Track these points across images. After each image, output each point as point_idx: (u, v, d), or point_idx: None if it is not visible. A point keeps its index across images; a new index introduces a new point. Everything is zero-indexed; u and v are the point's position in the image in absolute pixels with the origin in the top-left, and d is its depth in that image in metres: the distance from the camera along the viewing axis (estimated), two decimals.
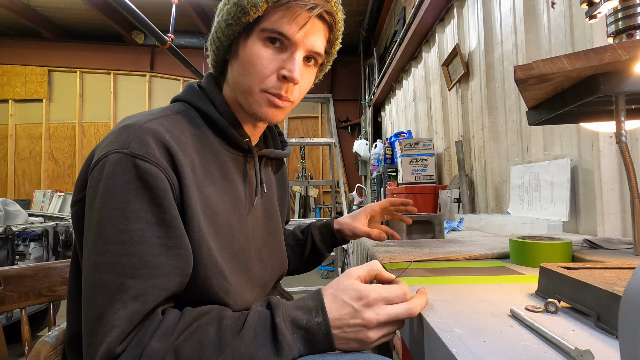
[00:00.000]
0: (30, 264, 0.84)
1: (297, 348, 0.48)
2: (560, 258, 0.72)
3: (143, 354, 0.46)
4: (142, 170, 0.50)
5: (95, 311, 0.48)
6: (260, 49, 0.60)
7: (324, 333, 0.48)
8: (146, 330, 0.48)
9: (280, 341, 0.47)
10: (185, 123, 0.61)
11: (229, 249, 0.61)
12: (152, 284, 0.49)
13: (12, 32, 5.89)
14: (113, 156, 0.51)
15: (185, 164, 0.55)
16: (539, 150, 1.50)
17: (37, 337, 2.61)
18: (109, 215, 0.49)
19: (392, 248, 0.98)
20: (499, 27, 1.82)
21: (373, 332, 0.49)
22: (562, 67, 0.59)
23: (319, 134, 6.27)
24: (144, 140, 0.52)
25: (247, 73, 0.61)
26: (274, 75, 0.61)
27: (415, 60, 3.44)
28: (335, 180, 3.57)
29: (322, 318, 0.49)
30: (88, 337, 0.48)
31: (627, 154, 0.71)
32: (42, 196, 5.22)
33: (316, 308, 0.50)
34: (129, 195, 0.50)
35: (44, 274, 0.84)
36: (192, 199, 0.55)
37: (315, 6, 0.59)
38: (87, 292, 0.49)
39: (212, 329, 0.48)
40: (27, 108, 6.14)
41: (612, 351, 0.36)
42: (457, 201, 2.14)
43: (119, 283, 0.48)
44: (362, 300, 0.49)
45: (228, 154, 0.66)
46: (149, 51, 6.11)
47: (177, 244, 0.52)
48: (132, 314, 0.47)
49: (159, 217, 0.51)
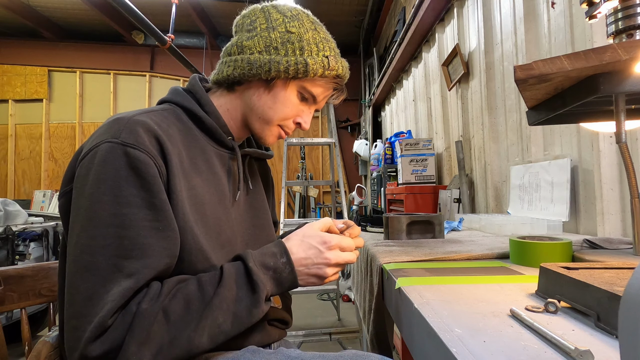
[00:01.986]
0: (30, 264, 0.84)
1: (270, 284, 0.58)
2: (560, 258, 0.72)
3: (135, 317, 0.49)
4: (132, 158, 0.53)
5: (84, 292, 0.49)
6: (294, 97, 0.71)
7: (289, 270, 0.60)
8: (134, 301, 0.50)
9: (255, 280, 0.56)
10: (172, 119, 0.65)
11: (216, 238, 0.64)
12: (144, 263, 0.52)
13: (12, 32, 5.88)
14: (104, 145, 0.54)
15: (173, 154, 0.59)
16: (539, 150, 1.50)
17: (37, 337, 2.61)
18: (100, 200, 0.52)
19: (393, 248, 0.98)
20: (499, 27, 1.82)
21: (330, 269, 0.62)
22: (562, 67, 0.59)
23: (319, 134, 6.27)
24: (134, 130, 0.55)
25: (275, 110, 0.70)
26: (292, 119, 0.73)
27: (415, 60, 3.44)
28: (335, 180, 3.56)
29: (286, 259, 0.60)
30: (74, 320, 0.49)
31: (627, 154, 0.71)
32: (42, 196, 5.21)
33: (280, 252, 0.61)
34: (121, 181, 0.52)
35: (44, 274, 0.84)
36: (177, 187, 0.58)
37: (342, 92, 0.75)
38: (74, 275, 0.50)
39: (193, 287, 0.54)
40: (27, 108, 6.13)
41: (612, 351, 0.36)
42: (457, 201, 2.14)
43: (112, 264, 0.50)
44: (326, 244, 0.62)
45: (213, 150, 0.70)
46: (149, 51, 6.11)
47: (167, 226, 0.55)
48: (125, 290, 0.49)
49: (149, 201, 0.54)
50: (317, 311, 3.42)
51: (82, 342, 0.47)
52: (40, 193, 5.30)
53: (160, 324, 0.49)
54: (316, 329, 2.85)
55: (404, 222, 1.14)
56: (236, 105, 0.72)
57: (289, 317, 0.79)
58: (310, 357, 0.62)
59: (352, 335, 2.81)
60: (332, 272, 0.63)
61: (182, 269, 0.58)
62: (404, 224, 1.14)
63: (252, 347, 0.63)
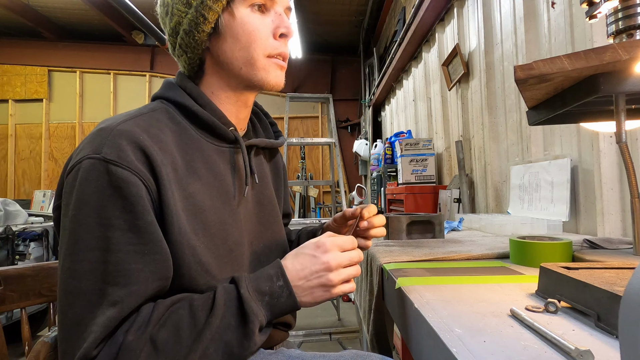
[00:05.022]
0: (30, 264, 0.84)
1: (263, 314, 0.52)
2: (560, 258, 0.72)
3: (120, 350, 0.47)
4: (114, 176, 0.50)
5: (73, 318, 0.48)
6: (250, 16, 0.62)
7: (287, 294, 0.54)
8: (121, 330, 0.48)
9: (246, 310, 0.51)
10: (164, 120, 0.60)
11: (223, 244, 0.60)
12: (129, 291, 0.49)
13: (12, 32, 5.88)
14: (86, 162, 0.50)
15: (164, 164, 0.55)
16: (539, 150, 1.50)
17: (37, 337, 2.61)
18: (84, 222, 0.49)
19: (393, 248, 0.98)
20: (499, 27, 1.82)
21: (334, 275, 0.55)
22: (562, 67, 0.59)
23: (319, 134, 6.26)
24: (116, 144, 0.51)
25: (246, 45, 0.62)
26: (270, 38, 0.63)
27: (415, 60, 3.44)
28: (335, 180, 3.56)
29: (282, 281, 0.54)
30: (64, 343, 0.48)
31: (627, 154, 0.70)
32: (42, 196, 5.20)
33: (276, 274, 0.55)
34: (104, 202, 0.49)
35: (44, 274, 0.84)
36: (171, 200, 0.54)
37: None
38: (62, 299, 0.49)
39: (184, 312, 0.50)
40: (27, 108, 6.13)
41: (612, 351, 0.36)
42: (457, 201, 2.14)
43: (97, 289, 0.48)
44: (320, 248, 0.56)
45: (213, 147, 0.64)
46: (148, 51, 6.10)
47: (153, 249, 0.51)
48: (109, 319, 0.47)
49: (131, 223, 0.50)
50: (317, 311, 3.42)
51: None
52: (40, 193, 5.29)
53: (147, 354, 0.47)
54: (316, 329, 2.85)
55: (404, 222, 1.14)
56: (218, 81, 0.66)
57: (293, 320, 0.77)
58: (311, 357, 0.62)
59: (352, 335, 2.81)
60: (338, 279, 0.55)
61: (182, 283, 0.55)
62: (404, 224, 1.14)
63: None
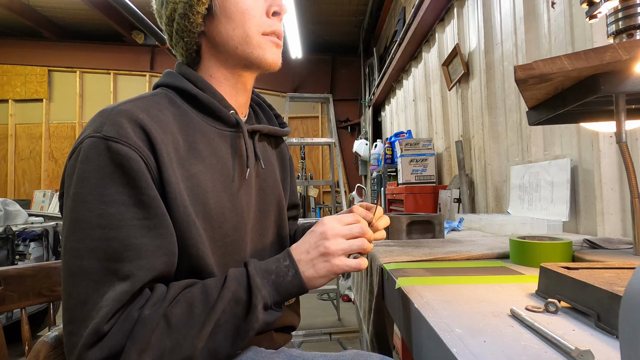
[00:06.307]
0: (30, 264, 0.84)
1: (267, 290, 0.54)
2: (560, 258, 0.72)
3: (137, 323, 0.47)
4: (115, 153, 0.50)
5: (77, 298, 0.47)
6: None
7: (293, 273, 0.55)
8: (135, 305, 0.49)
9: (251, 284, 0.53)
10: (165, 103, 0.61)
11: (219, 228, 0.60)
12: (138, 264, 0.49)
13: (12, 32, 5.88)
14: (87, 141, 0.51)
15: (165, 142, 0.55)
16: (539, 150, 1.50)
17: (37, 337, 2.61)
18: (85, 200, 0.49)
19: (393, 248, 0.98)
20: (499, 27, 1.82)
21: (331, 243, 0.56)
22: (562, 67, 0.59)
23: (319, 134, 6.26)
24: (117, 122, 0.52)
25: (240, 23, 0.63)
26: (264, 16, 0.64)
27: (415, 60, 3.44)
28: (335, 180, 3.56)
29: (289, 261, 0.56)
30: (70, 325, 0.47)
31: (627, 154, 0.70)
32: (42, 196, 5.21)
33: (283, 256, 0.58)
34: (105, 179, 0.49)
35: (44, 274, 0.84)
36: (172, 178, 0.54)
37: None
38: (66, 280, 0.48)
39: (196, 291, 0.52)
40: (27, 108, 6.14)
41: (613, 351, 0.36)
42: (457, 201, 2.14)
43: (103, 267, 0.48)
44: (319, 223, 0.59)
45: (215, 131, 0.64)
46: (149, 51, 6.11)
47: (159, 223, 0.51)
48: (121, 294, 0.47)
49: (136, 198, 0.50)
50: (317, 311, 3.42)
51: (78, 348, 0.46)
52: (40, 193, 5.30)
53: (162, 330, 0.47)
54: (316, 329, 2.85)
55: (404, 222, 1.14)
56: (215, 63, 0.67)
57: (297, 319, 0.77)
58: (312, 356, 0.62)
59: (352, 335, 2.81)
60: (336, 247, 0.56)
61: (192, 264, 0.56)
62: (404, 224, 1.14)
63: (254, 347, 0.63)
